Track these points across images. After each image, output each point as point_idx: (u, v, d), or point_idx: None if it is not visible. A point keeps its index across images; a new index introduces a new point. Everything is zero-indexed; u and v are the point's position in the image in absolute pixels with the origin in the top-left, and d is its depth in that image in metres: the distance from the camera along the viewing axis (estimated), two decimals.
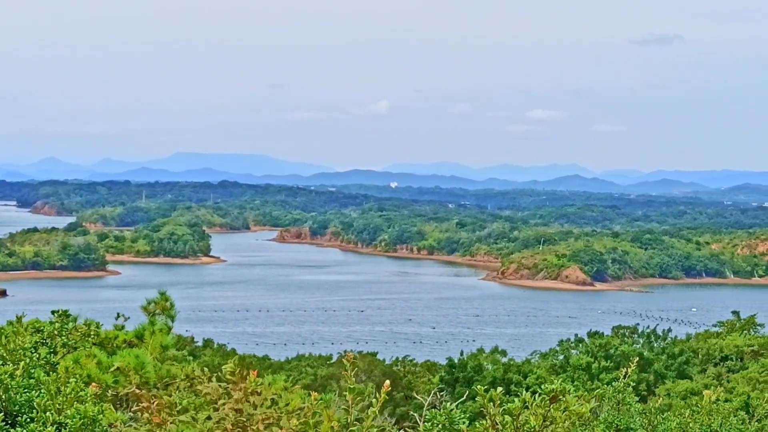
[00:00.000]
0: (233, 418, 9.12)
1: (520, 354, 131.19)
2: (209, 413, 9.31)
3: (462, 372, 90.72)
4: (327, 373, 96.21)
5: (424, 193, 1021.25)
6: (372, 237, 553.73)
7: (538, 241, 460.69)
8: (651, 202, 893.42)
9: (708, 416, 12.50)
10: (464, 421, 9.09)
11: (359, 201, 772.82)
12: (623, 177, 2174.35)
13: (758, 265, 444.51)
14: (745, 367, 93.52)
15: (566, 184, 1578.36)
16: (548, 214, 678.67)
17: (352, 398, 9.22)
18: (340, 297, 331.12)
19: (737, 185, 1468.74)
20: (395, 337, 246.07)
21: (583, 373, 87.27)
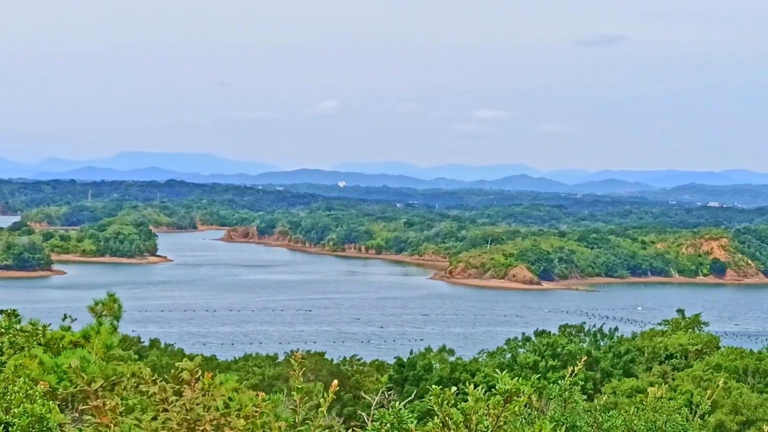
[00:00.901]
0: (179, 418, 9.06)
1: (467, 353, 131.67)
2: (156, 413, 9.25)
3: (411, 371, 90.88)
4: (274, 373, 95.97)
5: (373, 193, 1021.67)
6: (320, 236, 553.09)
7: (486, 240, 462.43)
8: (597, 202, 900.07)
9: (653, 413, 12.62)
10: (412, 420, 9.09)
11: (307, 200, 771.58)
12: (570, 177, 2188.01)
13: (703, 264, 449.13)
14: (689, 365, 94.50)
15: (513, 183, 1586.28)
16: (496, 214, 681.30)
17: (300, 398, 9.21)
18: (287, 296, 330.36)
19: (682, 185, 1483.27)
20: (343, 337, 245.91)
21: (531, 372, 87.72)
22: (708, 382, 74.72)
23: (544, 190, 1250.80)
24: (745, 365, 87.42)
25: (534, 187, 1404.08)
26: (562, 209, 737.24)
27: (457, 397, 9.24)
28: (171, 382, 9.32)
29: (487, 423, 8.81)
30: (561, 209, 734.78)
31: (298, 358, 9.49)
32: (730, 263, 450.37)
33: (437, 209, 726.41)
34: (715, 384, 64.68)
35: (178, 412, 9.12)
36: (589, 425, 12.04)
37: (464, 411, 8.74)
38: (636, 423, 12.50)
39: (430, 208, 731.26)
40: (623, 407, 13.56)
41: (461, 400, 9.11)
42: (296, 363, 9.41)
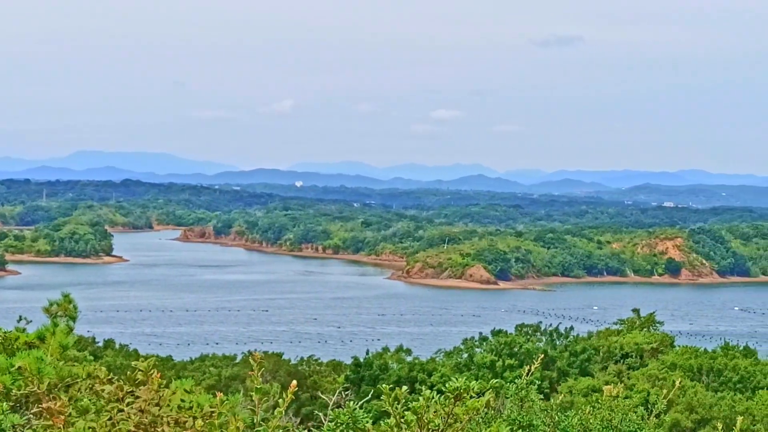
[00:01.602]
0: (135, 419, 9.01)
1: (425, 353, 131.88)
2: (111, 414, 9.19)
3: (368, 371, 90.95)
4: (231, 373, 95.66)
5: (330, 193, 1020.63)
6: (277, 236, 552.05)
7: (443, 240, 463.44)
8: (553, 202, 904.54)
9: (608, 412, 12.69)
10: (368, 420, 9.10)
11: (264, 200, 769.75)
12: (526, 177, 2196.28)
13: (658, 264, 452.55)
14: (644, 364, 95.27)
15: (470, 183, 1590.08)
16: (453, 214, 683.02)
17: (258, 398, 9.18)
18: (244, 297, 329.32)
19: (638, 185, 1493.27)
20: (300, 337, 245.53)
21: (488, 372, 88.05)
22: (663, 381, 75.36)
23: (501, 190, 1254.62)
24: (700, 364, 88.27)
25: (491, 187, 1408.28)
26: (519, 209, 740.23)
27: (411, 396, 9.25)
28: (127, 383, 9.27)
29: (437, 422, 8.83)
30: (517, 209, 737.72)
31: (257, 359, 9.46)
32: (684, 263, 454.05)
33: (394, 209, 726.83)
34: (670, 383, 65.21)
35: (134, 413, 9.07)
36: (546, 424, 12.08)
37: (415, 410, 8.75)
38: (592, 422, 12.57)
39: (387, 208, 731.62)
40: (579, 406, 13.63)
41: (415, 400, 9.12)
42: (255, 363, 9.38)
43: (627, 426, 12.60)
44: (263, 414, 9.25)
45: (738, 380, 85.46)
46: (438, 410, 8.87)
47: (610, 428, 12.57)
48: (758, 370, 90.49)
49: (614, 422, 12.60)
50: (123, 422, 9.05)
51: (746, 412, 67.37)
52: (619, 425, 12.57)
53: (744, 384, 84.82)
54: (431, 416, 8.89)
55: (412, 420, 8.80)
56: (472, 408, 8.94)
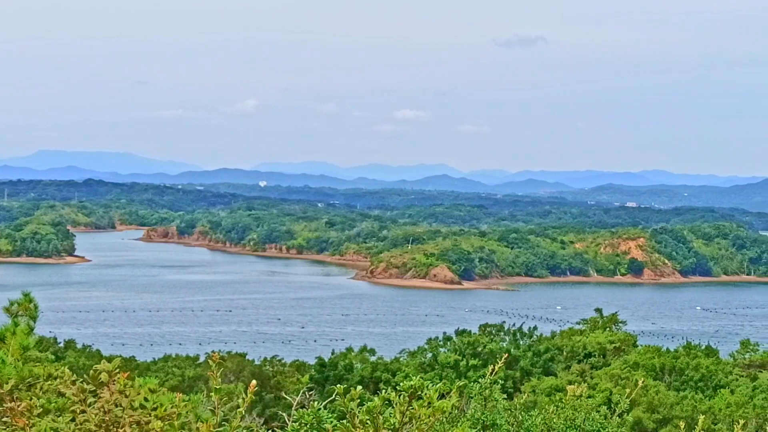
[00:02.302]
0: (97, 419, 8.95)
1: (389, 353, 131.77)
2: (74, 415, 9.12)
3: (332, 371, 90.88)
4: (195, 373, 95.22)
5: (294, 193, 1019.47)
6: (240, 236, 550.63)
7: (407, 240, 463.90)
8: (517, 202, 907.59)
9: (572, 412, 12.73)
10: (332, 420, 9.08)
11: (227, 200, 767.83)
12: (490, 177, 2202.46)
13: (620, 264, 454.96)
14: (607, 363, 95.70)
15: (434, 183, 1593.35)
16: (417, 214, 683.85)
17: (218, 399, 9.13)
18: (207, 297, 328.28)
19: (601, 185, 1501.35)
20: (263, 337, 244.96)
21: (452, 371, 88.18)
22: (626, 381, 75.71)
23: (465, 190, 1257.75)
24: (662, 363, 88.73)
25: (455, 187, 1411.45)
26: (483, 209, 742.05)
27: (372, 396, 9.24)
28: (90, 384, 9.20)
29: (393, 421, 8.82)
30: (481, 209, 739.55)
31: (216, 359, 9.41)
32: (647, 263, 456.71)
33: (358, 209, 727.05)
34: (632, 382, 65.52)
35: (96, 413, 9.01)
36: (509, 424, 12.10)
37: (370, 410, 8.74)
38: (555, 421, 12.60)
39: (351, 208, 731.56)
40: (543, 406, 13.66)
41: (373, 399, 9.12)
42: (214, 364, 9.34)
43: (590, 425, 12.64)
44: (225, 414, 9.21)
45: (699, 379, 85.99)
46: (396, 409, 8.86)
47: (573, 427, 12.61)
48: (720, 369, 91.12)
49: (577, 421, 12.64)
50: (85, 422, 8.99)
51: (708, 411, 67.83)
52: (582, 424, 12.62)
53: (705, 383, 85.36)
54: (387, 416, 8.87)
55: (367, 420, 8.78)
56: (438, 410, 8.94)
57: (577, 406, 12.81)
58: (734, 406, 69.87)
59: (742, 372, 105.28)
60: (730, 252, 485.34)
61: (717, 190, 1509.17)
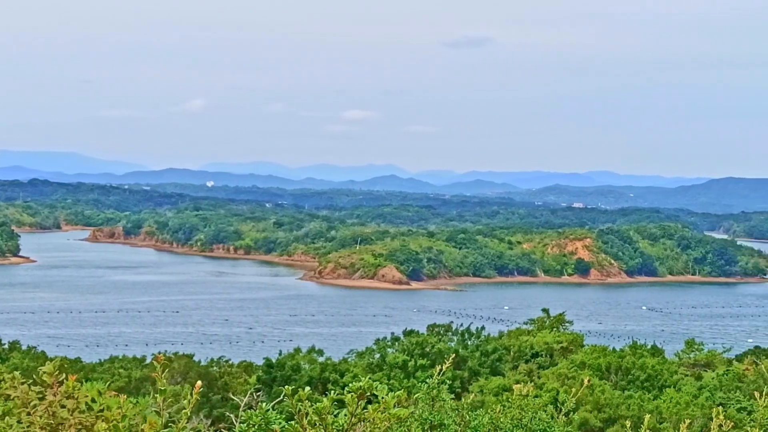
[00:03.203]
0: (42, 421, 8.85)
1: (337, 353, 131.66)
2: (19, 417, 9.02)
3: (279, 372, 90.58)
4: (141, 375, 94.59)
5: (241, 193, 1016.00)
6: (188, 236, 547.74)
7: (355, 240, 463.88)
8: (465, 203, 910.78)
9: (519, 411, 12.77)
10: (280, 421, 9.04)
11: (174, 200, 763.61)
12: (438, 177, 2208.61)
13: (567, 264, 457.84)
14: (554, 363, 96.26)
15: (383, 184, 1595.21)
16: (365, 214, 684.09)
17: (163, 400, 9.06)
18: (153, 298, 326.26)
19: (548, 186, 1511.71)
20: (211, 338, 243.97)
21: (400, 372, 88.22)
22: (572, 380, 76.19)
23: (413, 190, 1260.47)
24: (608, 363, 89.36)
25: (403, 187, 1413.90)
26: (431, 210, 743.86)
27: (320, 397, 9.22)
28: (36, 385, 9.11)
29: (342, 422, 8.80)
30: (430, 210, 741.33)
31: (161, 360, 9.34)
32: (593, 263, 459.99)
33: (307, 209, 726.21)
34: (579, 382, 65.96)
35: (41, 416, 8.91)
36: (457, 423, 12.12)
37: (318, 411, 8.72)
38: (502, 421, 12.64)
39: (299, 209, 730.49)
40: (490, 405, 13.70)
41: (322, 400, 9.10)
42: (159, 365, 9.26)
43: (537, 424, 12.69)
44: (171, 416, 9.14)
45: (645, 379, 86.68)
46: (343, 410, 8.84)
47: (520, 427, 12.65)
48: (665, 368, 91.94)
49: (524, 421, 12.69)
50: (31, 425, 8.89)
51: (654, 410, 68.42)
52: (529, 424, 12.66)
53: (651, 383, 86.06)
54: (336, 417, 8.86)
55: (316, 420, 8.75)
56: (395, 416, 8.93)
57: (524, 406, 12.85)
58: (680, 405, 70.55)
59: (687, 371, 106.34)
60: (675, 252, 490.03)
61: (663, 191, 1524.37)
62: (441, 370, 12.54)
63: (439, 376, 12.52)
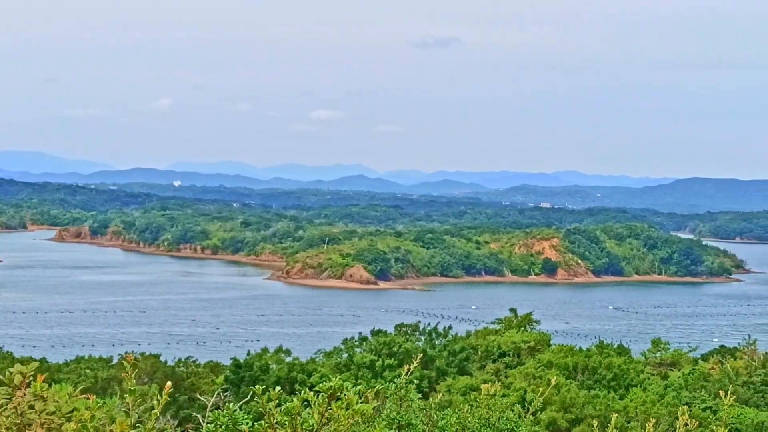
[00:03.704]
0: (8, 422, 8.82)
1: (304, 353, 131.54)
2: None
3: (247, 372, 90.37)
4: (108, 375, 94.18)
5: (208, 193, 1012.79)
6: (154, 236, 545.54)
7: (323, 240, 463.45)
8: (433, 202, 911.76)
9: (486, 411, 12.81)
10: (248, 421, 9.03)
11: (141, 200, 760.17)
12: (406, 177, 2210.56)
13: (534, 264, 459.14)
14: (521, 362, 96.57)
15: (351, 184, 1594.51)
16: (333, 214, 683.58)
17: (132, 400, 9.05)
18: (120, 298, 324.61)
19: (515, 186, 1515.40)
20: (178, 338, 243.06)
21: (367, 371, 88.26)
22: (540, 380, 76.45)
23: (381, 190, 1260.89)
24: (575, 363, 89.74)
25: (371, 187, 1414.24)
26: (399, 209, 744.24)
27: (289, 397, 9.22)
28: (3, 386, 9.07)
29: (312, 422, 8.81)
30: (397, 209, 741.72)
31: (130, 360, 9.32)
32: (560, 263, 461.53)
33: (274, 209, 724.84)
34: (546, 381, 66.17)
35: (8, 416, 8.88)
36: (424, 423, 12.14)
37: (288, 411, 8.72)
38: (470, 420, 12.67)
39: (267, 208, 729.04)
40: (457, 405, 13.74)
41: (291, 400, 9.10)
42: (129, 365, 9.25)
43: (504, 424, 12.73)
44: (139, 416, 9.13)
45: (612, 378, 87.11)
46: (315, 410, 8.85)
47: (488, 426, 12.69)
48: (632, 368, 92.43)
49: (492, 420, 12.73)
50: None
51: (621, 410, 68.78)
52: (496, 423, 12.70)
53: (618, 382, 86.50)
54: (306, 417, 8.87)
55: (286, 421, 8.76)
56: (358, 412, 8.94)
57: (491, 405, 12.89)
58: (646, 404, 70.95)
59: (653, 370, 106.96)
60: (641, 252, 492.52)
61: (629, 191, 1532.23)
62: (408, 369, 12.56)
63: (406, 376, 12.53)
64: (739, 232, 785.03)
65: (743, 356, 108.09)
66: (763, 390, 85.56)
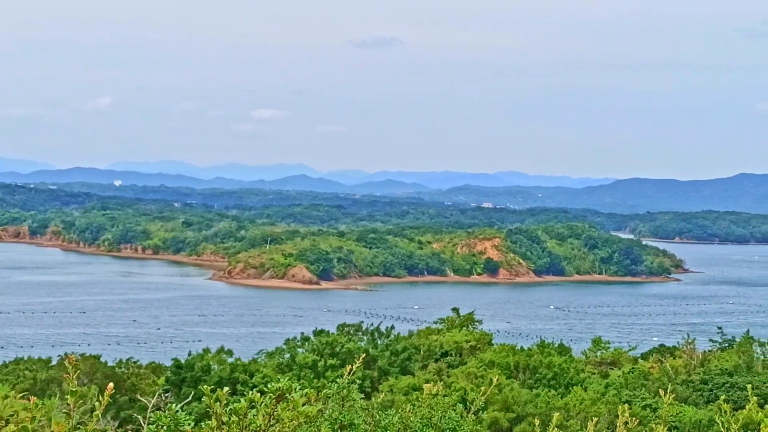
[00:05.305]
0: None
1: (246, 354, 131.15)
2: None
3: (189, 372, 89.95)
4: (47, 376, 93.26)
5: (150, 192, 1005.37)
6: (95, 236, 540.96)
7: (265, 240, 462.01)
8: (375, 202, 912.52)
9: (428, 410, 12.86)
10: (190, 422, 9.01)
11: (82, 199, 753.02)
12: (348, 177, 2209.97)
13: (476, 264, 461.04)
14: (464, 362, 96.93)
15: (293, 183, 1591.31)
16: (275, 214, 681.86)
17: (73, 402, 8.98)
18: (59, 298, 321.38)
19: (457, 186, 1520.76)
20: (118, 339, 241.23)
21: (310, 371, 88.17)
22: (481, 379, 76.79)
23: (324, 190, 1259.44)
24: (516, 362, 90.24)
25: (313, 187, 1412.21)
26: (341, 209, 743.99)
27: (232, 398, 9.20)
28: None
29: (259, 422, 8.81)
30: (340, 209, 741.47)
31: (72, 361, 9.25)
32: (502, 263, 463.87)
33: (216, 209, 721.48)
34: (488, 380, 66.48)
35: None
36: (367, 423, 12.17)
37: (236, 411, 8.71)
38: (412, 420, 12.71)
39: (208, 208, 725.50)
40: (400, 405, 13.78)
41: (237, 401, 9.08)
42: (70, 366, 9.18)
43: (446, 423, 12.79)
44: (80, 417, 9.06)
45: (553, 377, 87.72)
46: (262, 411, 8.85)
47: (430, 426, 12.73)
48: (572, 367, 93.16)
49: (434, 420, 12.77)
50: None
51: (562, 408, 69.26)
52: (438, 423, 12.75)
53: (558, 381, 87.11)
54: (254, 417, 8.86)
55: (233, 421, 8.75)
56: (303, 414, 8.96)
57: (433, 405, 12.94)
58: (587, 403, 71.54)
59: (594, 369, 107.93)
60: (582, 252, 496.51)
61: (570, 192, 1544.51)
62: (351, 369, 12.58)
63: (349, 376, 12.55)
64: (678, 232, 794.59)
65: (682, 355, 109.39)
66: (702, 388, 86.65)
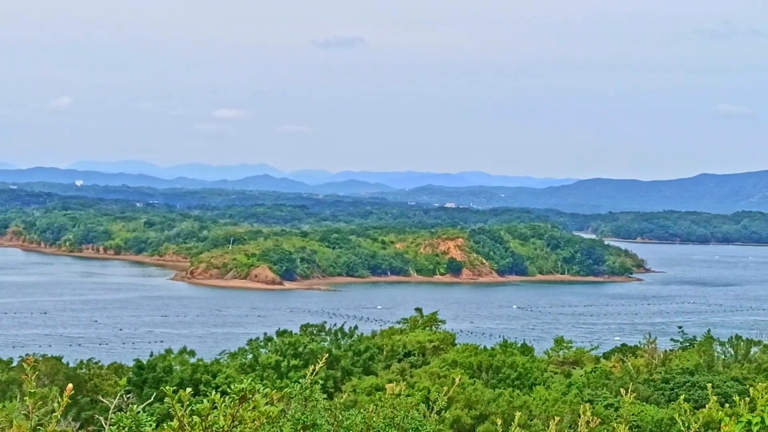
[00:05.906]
0: None
1: (209, 354, 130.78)
2: None
3: (150, 373, 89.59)
4: (8, 377, 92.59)
5: (111, 192, 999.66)
6: (56, 236, 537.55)
7: (228, 240, 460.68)
8: (339, 202, 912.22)
9: (391, 410, 12.86)
10: (151, 423, 8.96)
11: (42, 199, 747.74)
12: (312, 177, 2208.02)
13: (440, 264, 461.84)
14: (427, 362, 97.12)
15: (256, 183, 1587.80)
16: (238, 214, 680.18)
17: (32, 403, 8.91)
18: (20, 299, 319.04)
19: (421, 186, 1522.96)
20: (79, 340, 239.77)
21: (273, 372, 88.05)
22: (444, 379, 76.95)
23: (287, 190, 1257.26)
24: (479, 361, 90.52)
25: (276, 187, 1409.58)
26: (304, 209, 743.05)
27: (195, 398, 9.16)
28: None
29: (222, 423, 8.77)
30: (303, 209, 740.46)
31: (31, 362, 9.17)
32: (465, 263, 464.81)
33: (178, 209, 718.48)
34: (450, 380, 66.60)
35: None
36: (330, 423, 12.15)
37: (199, 412, 8.68)
38: (375, 420, 12.71)
39: (171, 208, 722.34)
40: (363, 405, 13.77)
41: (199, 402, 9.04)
42: (29, 367, 9.10)
43: (409, 423, 12.79)
44: (39, 419, 8.99)
45: (516, 377, 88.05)
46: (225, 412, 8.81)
47: (393, 426, 12.74)
48: (535, 366, 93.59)
49: (397, 420, 12.78)
50: None
51: (524, 407, 69.52)
52: (401, 423, 12.76)
53: (521, 380, 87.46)
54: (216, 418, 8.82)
55: (196, 422, 8.71)
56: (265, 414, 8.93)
57: (396, 405, 12.95)
58: (549, 402, 71.85)
59: (556, 369, 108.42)
60: (545, 252, 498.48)
61: (533, 192, 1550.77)
62: (314, 370, 12.56)
63: (311, 376, 12.53)
64: (639, 232, 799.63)
65: (644, 354, 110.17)
66: (663, 387, 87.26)
